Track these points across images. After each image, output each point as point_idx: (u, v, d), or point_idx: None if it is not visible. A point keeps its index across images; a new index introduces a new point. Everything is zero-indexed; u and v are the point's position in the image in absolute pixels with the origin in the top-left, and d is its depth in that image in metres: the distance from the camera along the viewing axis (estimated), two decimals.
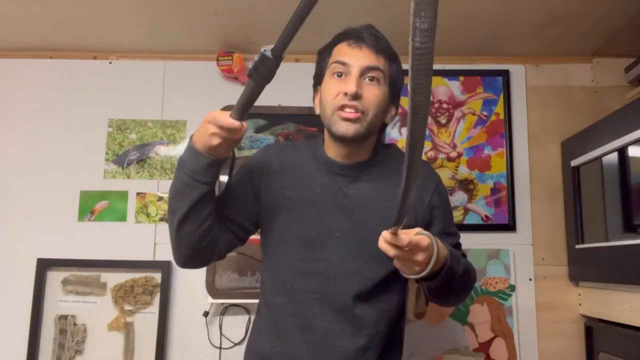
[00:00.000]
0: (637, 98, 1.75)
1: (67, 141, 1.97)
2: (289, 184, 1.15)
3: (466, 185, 1.94)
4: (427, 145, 1.96)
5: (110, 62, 2.03)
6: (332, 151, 1.16)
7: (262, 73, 0.88)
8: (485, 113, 1.98)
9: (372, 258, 1.08)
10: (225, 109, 1.06)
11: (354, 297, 1.08)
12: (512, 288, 1.86)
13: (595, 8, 1.65)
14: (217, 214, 1.11)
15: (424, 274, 0.92)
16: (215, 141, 0.98)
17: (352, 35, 1.11)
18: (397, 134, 1.97)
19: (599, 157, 1.66)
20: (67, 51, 2.02)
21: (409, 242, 0.87)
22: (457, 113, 1.98)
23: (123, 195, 1.93)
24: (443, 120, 1.98)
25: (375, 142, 1.19)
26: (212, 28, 1.82)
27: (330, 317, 1.07)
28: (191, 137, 1.04)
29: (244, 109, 0.95)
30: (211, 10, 1.70)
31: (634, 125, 1.44)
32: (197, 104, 1.99)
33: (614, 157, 1.60)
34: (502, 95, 1.99)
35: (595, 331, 1.77)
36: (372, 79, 1.08)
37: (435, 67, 2.03)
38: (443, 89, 2.00)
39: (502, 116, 1.97)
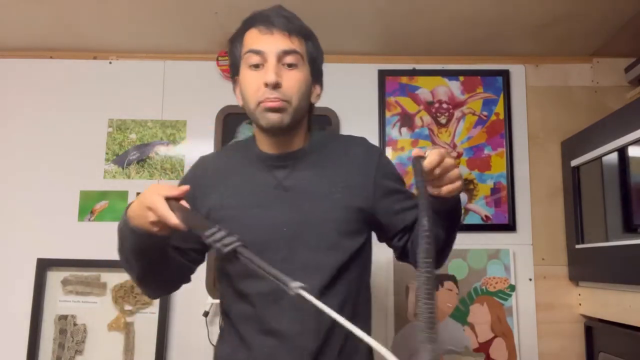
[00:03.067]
0: (637, 98, 1.75)
1: (67, 141, 1.97)
2: (226, 191, 1.10)
3: (466, 185, 1.94)
4: (427, 145, 1.96)
5: (110, 62, 2.03)
6: (265, 144, 1.12)
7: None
8: (485, 113, 1.98)
9: (327, 247, 1.05)
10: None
11: (316, 293, 1.01)
12: (512, 288, 1.86)
13: (595, 8, 1.65)
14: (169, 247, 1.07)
15: (460, 182, 0.95)
16: (155, 229, 0.92)
17: (261, 20, 1.05)
18: (397, 134, 1.97)
19: (599, 157, 1.66)
20: (67, 51, 2.02)
21: (439, 152, 0.89)
22: (457, 113, 1.98)
23: (123, 195, 1.93)
24: (443, 120, 1.98)
25: (307, 126, 1.16)
26: (212, 28, 1.81)
27: (290, 317, 1.02)
28: (127, 207, 0.97)
29: (193, 230, 0.89)
30: (211, 10, 1.70)
31: (634, 125, 1.44)
32: (197, 104, 1.99)
33: (614, 157, 1.60)
34: (502, 95, 1.99)
35: (595, 331, 1.77)
36: (290, 64, 1.04)
37: (435, 67, 2.06)
38: (443, 89, 2.00)
39: (502, 116, 1.97)
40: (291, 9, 1.10)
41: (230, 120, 1.96)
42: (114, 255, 1.89)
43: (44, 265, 1.87)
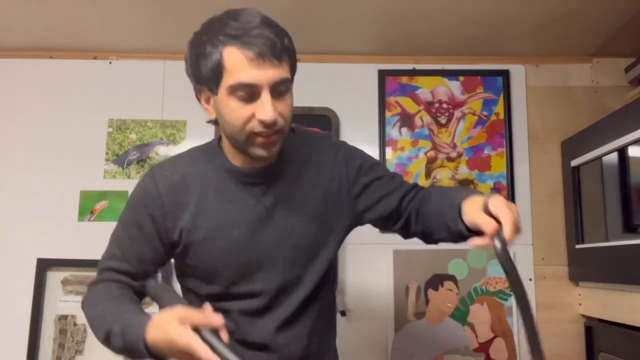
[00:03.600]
0: (637, 98, 1.75)
1: (67, 141, 1.97)
2: (198, 209, 1.01)
3: (466, 186, 1.94)
4: (427, 145, 1.97)
5: (110, 62, 2.03)
6: (239, 159, 1.02)
7: None
8: (485, 113, 1.98)
9: (307, 261, 1.04)
10: None
11: (298, 304, 1.03)
12: None
13: (595, 8, 1.65)
14: (121, 274, 1.02)
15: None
16: None
17: (246, 43, 0.90)
18: (397, 134, 1.97)
19: (599, 157, 1.66)
20: (67, 51, 2.02)
21: (511, 218, 0.83)
22: (457, 113, 1.98)
23: (123, 195, 1.93)
24: (443, 120, 1.98)
25: None
26: None
27: (273, 330, 1.02)
28: (144, 335, 0.86)
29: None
30: (211, 10, 1.69)
31: (634, 125, 1.44)
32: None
33: (614, 157, 1.60)
34: (502, 95, 1.99)
35: (595, 331, 1.77)
36: (281, 91, 0.94)
37: (435, 67, 2.06)
38: (443, 89, 2.00)
39: (502, 116, 1.97)
40: (291, 9, 1.10)
41: None
42: None
43: (44, 265, 1.87)
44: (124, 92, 2.01)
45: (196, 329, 0.81)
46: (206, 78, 0.95)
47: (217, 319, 0.82)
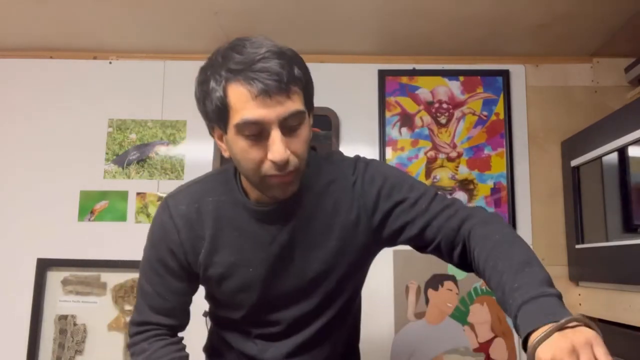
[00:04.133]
0: (637, 98, 1.75)
1: (67, 141, 1.97)
2: (213, 245, 0.99)
3: (466, 185, 1.94)
4: (427, 145, 1.97)
5: (110, 62, 2.03)
6: (255, 194, 0.97)
7: None
8: (485, 113, 1.98)
9: (326, 293, 1.02)
10: None
11: (316, 333, 1.03)
12: None
13: (595, 8, 1.65)
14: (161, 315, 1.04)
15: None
16: None
17: (249, 79, 0.83)
18: (397, 134, 1.97)
19: (599, 157, 1.65)
20: (67, 51, 2.02)
21: None
22: (457, 113, 1.98)
23: (123, 195, 1.93)
24: (443, 120, 1.98)
25: None
26: (212, 28, 1.81)
27: (292, 356, 1.04)
28: None
29: None
30: (211, 10, 1.70)
31: (634, 125, 1.44)
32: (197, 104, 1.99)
33: (614, 157, 1.60)
34: (502, 95, 1.99)
35: None
36: (292, 127, 0.87)
37: (435, 67, 2.05)
38: (443, 89, 2.00)
39: (502, 116, 1.97)
40: (291, 9, 1.09)
41: None
42: (114, 255, 1.91)
43: (44, 265, 1.87)
44: (124, 92, 2.01)
45: None
46: (215, 116, 0.89)
47: None
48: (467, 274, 1.87)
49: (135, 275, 1.87)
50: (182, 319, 1.09)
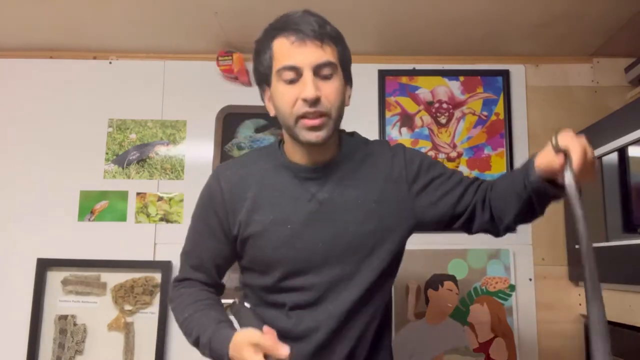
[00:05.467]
0: (637, 98, 1.75)
1: (67, 141, 1.97)
2: (254, 204, 1.06)
3: None
4: (427, 145, 1.97)
5: (110, 62, 2.03)
6: (297, 155, 1.07)
7: None
8: (485, 113, 1.98)
9: (361, 259, 1.05)
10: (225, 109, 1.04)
11: (349, 303, 1.05)
12: (512, 288, 1.86)
13: (595, 8, 1.65)
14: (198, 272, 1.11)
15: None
16: None
17: (290, 30, 0.99)
18: (397, 134, 1.97)
19: (599, 157, 1.65)
20: (67, 51, 2.02)
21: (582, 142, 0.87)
22: (457, 113, 1.98)
23: (123, 195, 1.93)
24: (443, 120, 1.98)
25: (339, 132, 1.14)
26: (212, 28, 1.82)
27: (326, 328, 1.04)
28: (227, 350, 0.94)
29: None
30: (211, 10, 1.70)
31: (634, 125, 1.44)
32: (197, 104, 1.99)
33: (614, 157, 1.60)
34: (502, 95, 1.99)
35: None
36: (326, 76, 1.00)
37: (435, 67, 2.05)
38: (443, 89, 2.00)
39: (502, 116, 1.97)
40: (291, 9, 1.10)
41: (230, 120, 1.97)
42: (114, 255, 1.91)
43: (44, 265, 1.87)
44: (124, 92, 2.01)
45: (266, 356, 0.88)
46: (264, 73, 1.04)
47: (285, 350, 0.87)
48: (467, 274, 1.87)
49: (135, 275, 1.88)
50: (218, 282, 1.15)
